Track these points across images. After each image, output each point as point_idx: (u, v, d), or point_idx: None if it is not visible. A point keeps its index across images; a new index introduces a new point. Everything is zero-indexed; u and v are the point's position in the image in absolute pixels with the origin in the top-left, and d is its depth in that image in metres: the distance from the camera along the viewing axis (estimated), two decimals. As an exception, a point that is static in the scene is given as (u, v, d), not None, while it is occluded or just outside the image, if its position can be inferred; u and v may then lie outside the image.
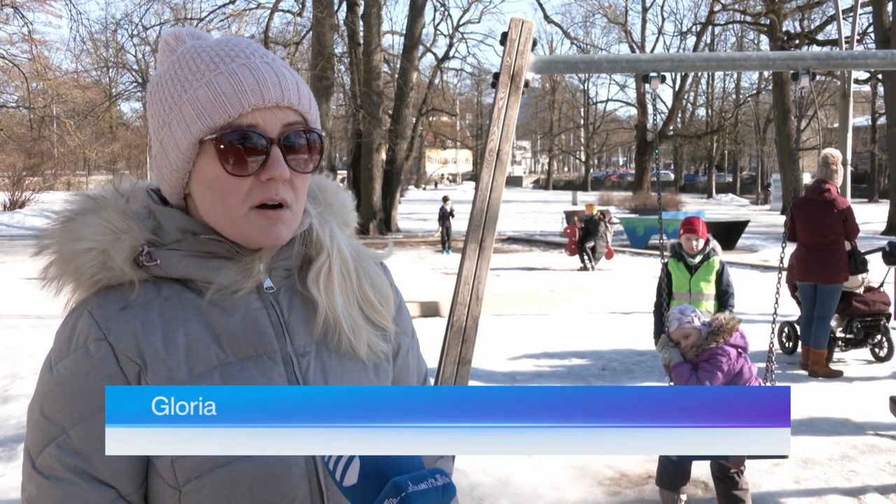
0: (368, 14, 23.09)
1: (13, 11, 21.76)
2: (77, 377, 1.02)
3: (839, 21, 15.46)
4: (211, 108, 1.00)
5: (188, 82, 1.03)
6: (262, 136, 1.01)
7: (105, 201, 1.10)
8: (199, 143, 1.02)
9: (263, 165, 1.02)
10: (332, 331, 1.11)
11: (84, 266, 1.05)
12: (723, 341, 3.75)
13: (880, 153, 39.82)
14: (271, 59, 1.05)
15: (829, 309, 6.76)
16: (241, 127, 1.01)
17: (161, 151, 1.07)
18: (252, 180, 1.03)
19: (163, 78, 1.06)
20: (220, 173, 1.02)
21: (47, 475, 1.01)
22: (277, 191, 1.03)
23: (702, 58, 4.99)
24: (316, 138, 1.07)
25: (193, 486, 1.01)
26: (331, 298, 1.12)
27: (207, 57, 1.03)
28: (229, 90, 1.00)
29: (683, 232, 5.39)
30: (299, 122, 1.06)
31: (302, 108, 1.06)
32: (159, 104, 1.06)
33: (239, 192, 1.03)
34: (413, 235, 22.94)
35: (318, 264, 1.13)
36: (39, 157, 31.32)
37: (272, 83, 1.02)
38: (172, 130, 1.04)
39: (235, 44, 1.06)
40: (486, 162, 3.98)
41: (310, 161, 1.07)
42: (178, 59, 1.05)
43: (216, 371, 1.04)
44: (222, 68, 1.02)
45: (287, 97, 1.03)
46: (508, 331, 8.76)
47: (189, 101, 1.02)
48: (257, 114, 1.01)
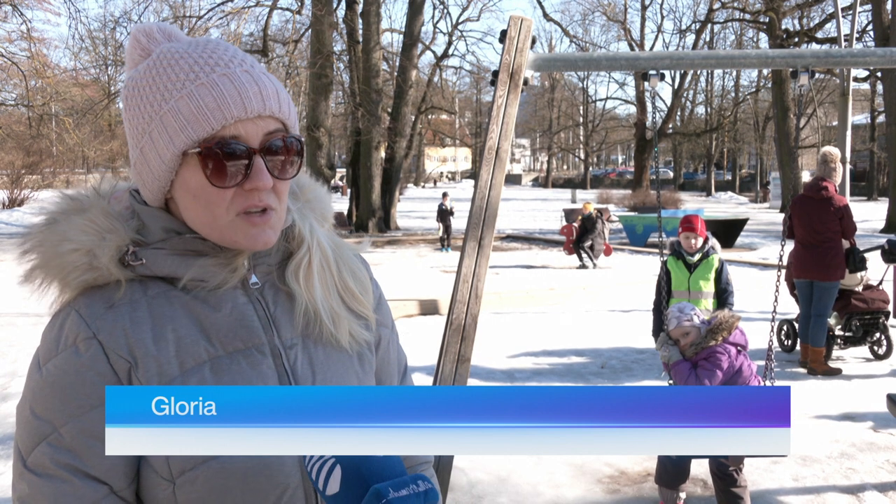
0: (367, 12, 23.06)
1: (12, 9, 21.72)
2: (68, 376, 1.02)
3: (838, 19, 15.46)
4: (194, 121, 1.01)
5: (168, 91, 1.02)
6: (244, 147, 1.02)
7: (89, 202, 1.11)
8: (182, 154, 1.03)
9: (246, 175, 1.03)
10: (313, 322, 1.13)
11: (70, 266, 1.06)
12: (722, 339, 3.75)
13: (879, 151, 39.84)
14: (250, 66, 1.05)
15: (826, 306, 6.78)
16: (224, 139, 1.01)
17: (142, 159, 1.06)
18: (235, 189, 1.04)
19: (140, 84, 1.05)
20: (203, 184, 1.03)
21: (39, 473, 1.01)
22: (261, 198, 1.05)
23: (701, 55, 4.98)
24: (296, 144, 1.08)
25: (188, 478, 1.02)
26: (310, 290, 1.14)
27: (186, 65, 1.03)
28: (212, 103, 1.00)
29: (682, 230, 5.39)
30: (280, 130, 1.06)
31: (282, 115, 1.07)
32: (138, 111, 1.05)
33: (223, 202, 1.04)
34: (412, 233, 22.94)
35: (298, 258, 1.15)
36: (38, 155, 31.25)
37: (254, 94, 1.02)
38: (154, 140, 1.04)
39: (213, 50, 1.05)
40: (485, 160, 3.97)
41: (291, 167, 1.08)
42: (155, 65, 1.05)
43: (206, 365, 1.05)
44: (203, 79, 1.01)
45: (268, 106, 1.04)
46: (508, 329, 8.76)
47: (171, 111, 1.01)
48: (239, 125, 1.02)
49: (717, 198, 46.11)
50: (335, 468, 0.87)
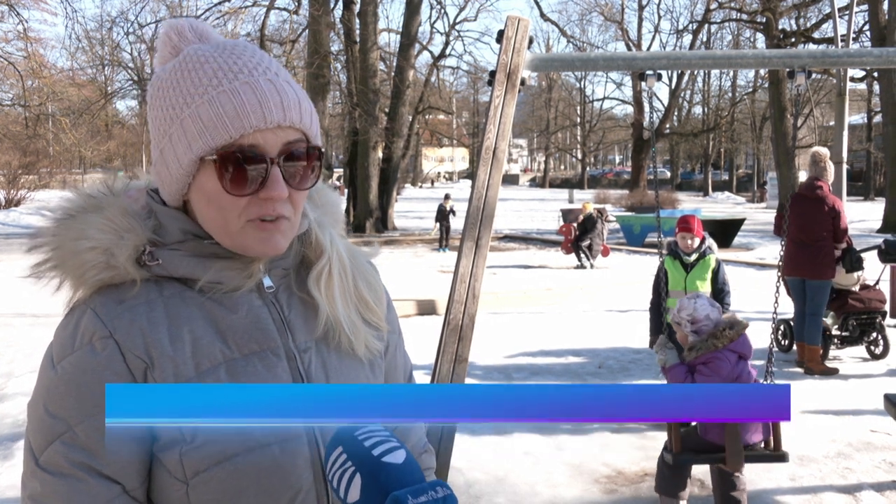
0: (365, 12, 23.05)
1: (8, 9, 21.68)
2: (84, 374, 1.02)
3: (835, 19, 15.49)
4: (212, 128, 1.01)
5: (190, 96, 1.02)
6: (262, 156, 1.02)
7: (106, 200, 1.11)
8: (200, 160, 1.03)
9: (262, 185, 1.03)
10: (333, 331, 1.14)
11: (87, 264, 1.06)
12: (723, 346, 3.66)
13: (876, 151, 39.86)
14: (274, 75, 1.05)
15: (820, 305, 6.83)
16: (241, 147, 1.01)
17: (161, 160, 1.07)
18: (250, 198, 1.04)
19: (165, 84, 1.06)
20: (219, 190, 1.03)
21: (52, 472, 1.01)
22: (275, 208, 1.05)
23: (698, 56, 4.99)
24: (316, 154, 1.08)
25: (201, 479, 1.02)
26: (331, 300, 1.14)
27: (210, 70, 1.03)
28: (231, 111, 1.00)
29: (679, 230, 5.38)
30: (300, 140, 1.06)
31: (304, 125, 1.06)
32: (160, 111, 1.06)
33: (236, 209, 1.04)
34: (410, 233, 22.93)
35: (319, 267, 1.15)
36: (35, 156, 31.19)
37: (275, 104, 1.02)
38: (173, 143, 1.04)
39: (239, 55, 1.05)
40: (482, 160, 3.97)
41: (309, 177, 1.08)
42: (181, 66, 1.05)
43: (222, 367, 1.05)
44: (225, 85, 1.01)
45: (289, 117, 1.03)
46: (505, 329, 8.76)
47: (191, 116, 1.02)
48: (258, 134, 1.02)
49: (714, 198, 46.15)
50: (355, 476, 0.88)
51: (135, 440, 1.03)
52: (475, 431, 5.21)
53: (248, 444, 1.03)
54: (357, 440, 0.90)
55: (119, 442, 1.02)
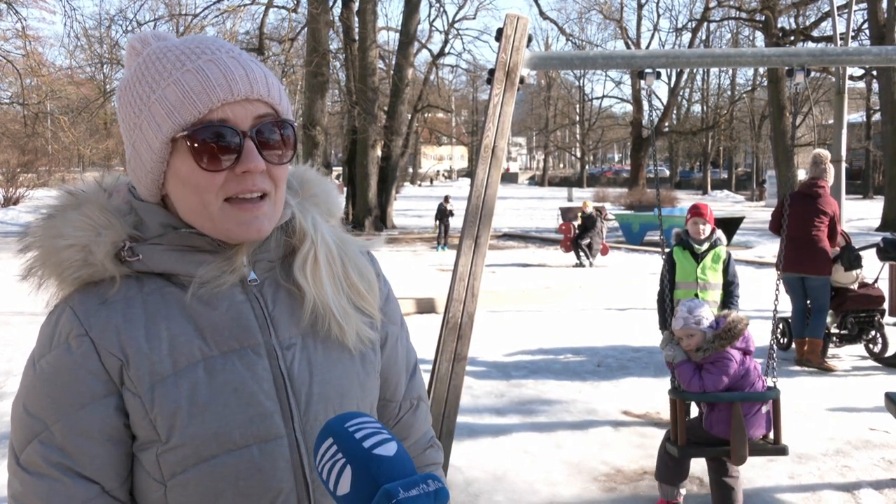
0: (363, 10, 23.03)
1: (6, 7, 21.62)
2: (60, 373, 1.01)
3: (834, 17, 15.48)
4: (180, 106, 1.00)
5: (155, 83, 1.02)
6: (233, 129, 1.01)
7: (85, 197, 1.10)
8: (171, 141, 1.02)
9: (238, 159, 1.01)
10: (322, 318, 1.11)
11: (66, 262, 1.05)
12: (729, 346, 3.71)
13: (875, 149, 39.86)
14: (238, 54, 1.04)
15: (824, 302, 6.92)
16: (211, 122, 1.00)
17: (134, 154, 1.06)
18: (227, 174, 1.02)
19: (130, 81, 1.05)
20: (194, 169, 1.02)
21: (31, 471, 1.01)
22: (255, 182, 1.03)
23: (697, 54, 4.99)
24: (289, 129, 1.07)
25: (179, 481, 1.01)
26: (319, 285, 1.11)
27: (174, 56, 1.02)
28: (197, 86, 0.99)
29: (691, 216, 5.22)
30: (270, 114, 1.05)
31: (272, 99, 1.05)
32: (128, 107, 1.05)
33: (213, 187, 1.02)
34: (409, 232, 22.92)
35: (304, 252, 1.12)
36: (34, 154, 31.14)
37: (240, 76, 1.01)
38: (143, 132, 1.03)
39: (200, 41, 1.05)
40: (481, 158, 3.97)
41: (285, 152, 1.07)
42: (144, 61, 1.04)
43: (199, 365, 1.03)
44: (189, 66, 1.01)
45: (256, 89, 1.02)
46: (504, 327, 8.77)
47: (158, 100, 1.01)
48: (227, 108, 1.01)
49: (713, 196, 46.13)
50: (345, 468, 0.86)
51: (112, 440, 1.02)
52: (474, 430, 5.22)
53: (226, 445, 1.01)
54: (348, 432, 0.88)
55: (95, 442, 1.01)
